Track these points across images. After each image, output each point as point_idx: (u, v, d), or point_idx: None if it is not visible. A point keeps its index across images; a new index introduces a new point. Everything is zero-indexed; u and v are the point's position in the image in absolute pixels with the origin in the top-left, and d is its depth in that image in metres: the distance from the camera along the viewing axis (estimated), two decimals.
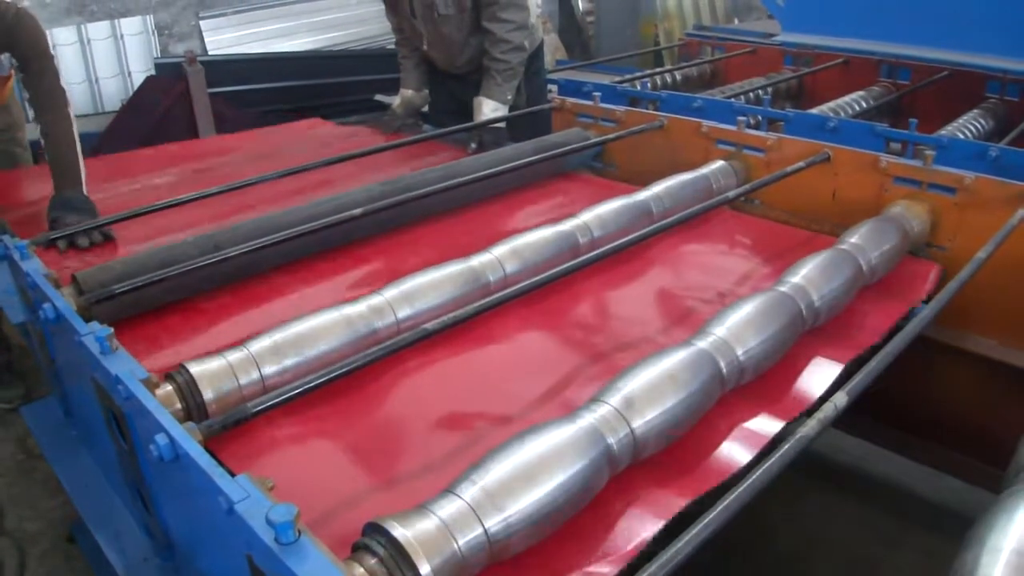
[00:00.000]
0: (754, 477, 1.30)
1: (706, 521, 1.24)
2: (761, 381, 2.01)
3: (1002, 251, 2.38)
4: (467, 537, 1.37)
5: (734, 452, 1.79)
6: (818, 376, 2.07)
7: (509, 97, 3.85)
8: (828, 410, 1.46)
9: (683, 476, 1.71)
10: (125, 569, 2.00)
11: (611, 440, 1.61)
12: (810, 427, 1.42)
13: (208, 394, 1.81)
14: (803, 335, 2.18)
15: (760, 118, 4.51)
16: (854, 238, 2.50)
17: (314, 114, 4.81)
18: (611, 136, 3.37)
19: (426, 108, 4.46)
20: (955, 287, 2.00)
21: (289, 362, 1.93)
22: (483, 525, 1.39)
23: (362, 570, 1.30)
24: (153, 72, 6.17)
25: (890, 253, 2.52)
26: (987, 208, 2.69)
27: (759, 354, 1.95)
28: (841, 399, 1.49)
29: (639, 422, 1.66)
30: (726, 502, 1.26)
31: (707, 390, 1.81)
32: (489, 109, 3.80)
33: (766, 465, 1.33)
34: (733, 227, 2.98)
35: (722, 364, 1.87)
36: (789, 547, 2.93)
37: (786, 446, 1.37)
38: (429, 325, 1.92)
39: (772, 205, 3.17)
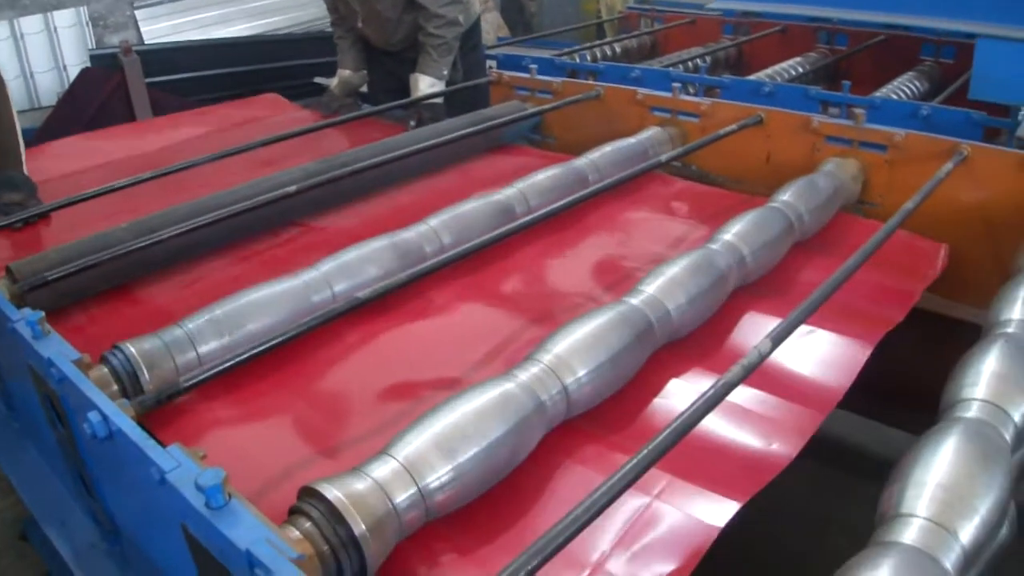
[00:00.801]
0: (677, 423, 1.32)
1: (632, 464, 1.26)
2: (695, 337, 2.04)
3: (932, 204, 2.43)
4: (402, 497, 1.39)
5: (669, 406, 1.82)
6: (752, 331, 2.11)
7: (445, 72, 3.85)
8: (752, 356, 1.49)
9: (618, 431, 1.74)
10: (74, 557, 1.99)
11: (544, 398, 1.63)
12: (733, 373, 1.44)
13: (144, 374, 1.81)
14: (737, 291, 2.21)
15: (697, 86, 4.54)
16: (785, 196, 2.54)
17: None
18: (547, 107, 3.38)
19: (365, 88, 4.44)
20: (881, 236, 2.04)
21: (226, 339, 1.94)
22: (417, 484, 1.41)
23: (297, 533, 1.31)
24: (88, 64, 6.08)
25: (821, 210, 2.56)
26: (917, 164, 2.74)
27: (690, 310, 1.98)
28: (765, 345, 1.52)
29: (571, 379, 1.68)
30: (650, 446, 1.28)
31: (639, 347, 1.84)
32: (426, 85, 3.80)
33: (690, 411, 1.36)
34: (670, 192, 3.00)
35: (654, 321, 1.90)
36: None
37: (710, 391, 1.39)
38: (361, 294, 1.93)
39: (708, 170, 3.20)
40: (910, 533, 1.29)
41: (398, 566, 1.43)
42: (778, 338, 1.54)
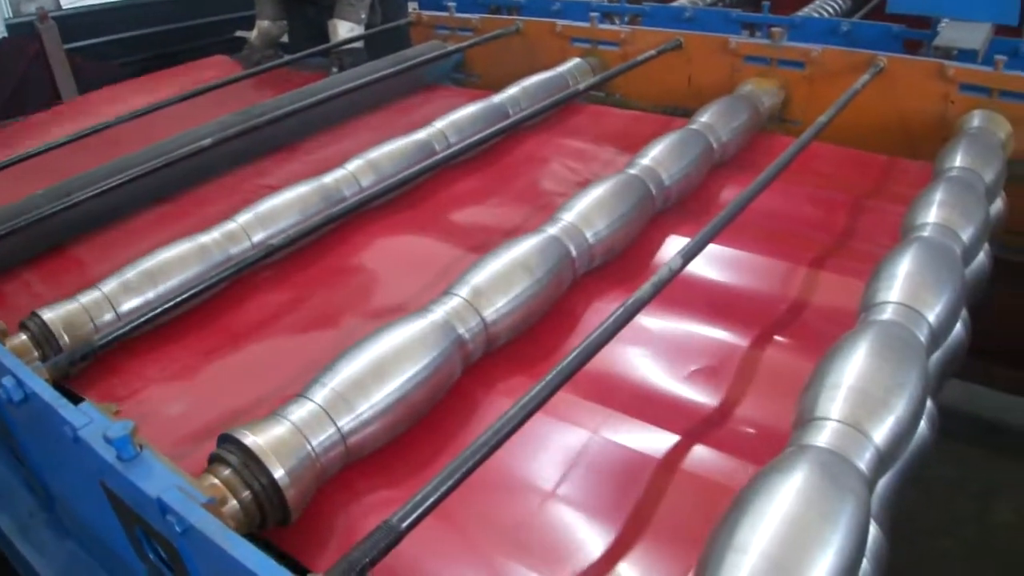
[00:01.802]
0: (592, 338, 1.33)
1: (541, 386, 1.26)
2: (616, 262, 2.05)
3: (853, 116, 2.46)
4: (320, 438, 1.39)
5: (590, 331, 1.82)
6: (672, 252, 2.11)
7: (363, 16, 3.79)
8: (663, 273, 1.50)
9: (541, 360, 1.75)
10: (14, 527, 1.97)
11: (462, 331, 1.63)
12: (644, 290, 1.45)
13: (64, 337, 1.78)
14: (657, 215, 2.21)
15: (619, 17, 4.52)
16: (704, 117, 2.54)
17: (177, 60, 4.64)
18: (466, 44, 3.35)
19: (286, 39, 4.36)
20: (794, 150, 2.05)
21: (146, 296, 1.91)
22: (336, 425, 1.41)
23: (216, 481, 1.30)
24: (5, 35, 5.90)
25: (741, 130, 2.57)
26: (836, 79, 2.76)
27: (609, 236, 1.99)
28: (676, 262, 1.53)
29: (490, 311, 1.68)
30: (560, 366, 1.29)
31: (558, 275, 1.84)
32: (345, 30, 3.74)
33: (604, 326, 1.36)
34: (594, 121, 3.00)
35: (572, 248, 1.90)
36: None
37: (620, 309, 1.40)
38: (275, 240, 1.91)
39: (632, 97, 3.21)
40: (824, 436, 1.31)
41: (322, 508, 1.43)
42: (688, 254, 1.55)
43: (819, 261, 2.08)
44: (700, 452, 1.53)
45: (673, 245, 2.16)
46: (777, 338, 1.83)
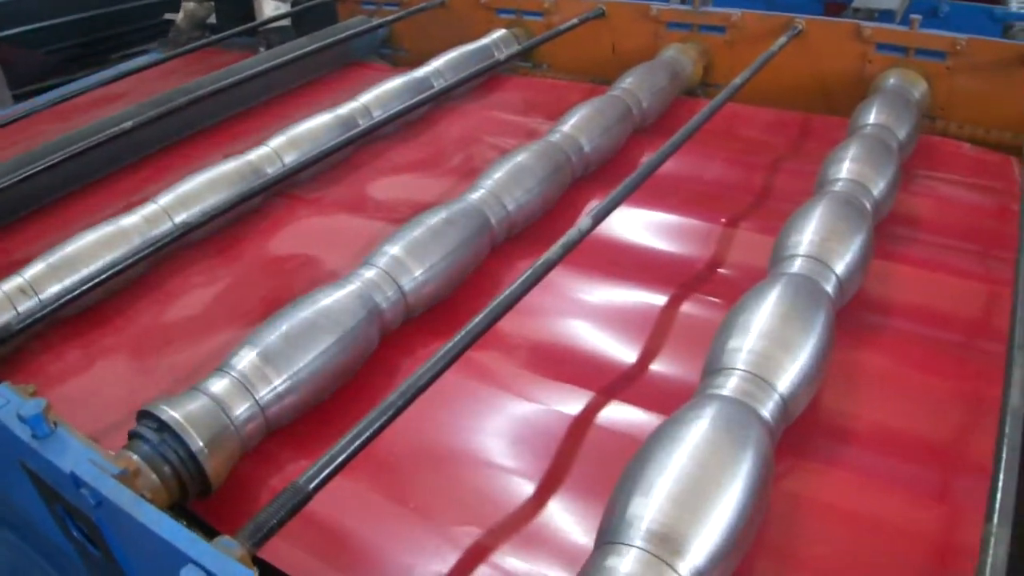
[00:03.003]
0: (497, 301, 1.35)
1: (449, 346, 1.29)
2: (537, 227, 2.07)
3: (773, 78, 2.50)
4: (239, 410, 1.40)
5: None
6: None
7: None
8: (572, 235, 1.52)
9: (460, 326, 1.76)
10: None
11: (380, 300, 1.65)
12: (553, 251, 1.48)
13: None
14: (578, 180, 2.24)
15: None
16: (625, 83, 2.57)
17: (105, 46, 4.57)
18: (391, 18, 3.34)
19: (214, 20, 4.32)
20: (707, 113, 2.08)
21: (68, 281, 1.89)
22: (254, 397, 1.42)
23: (135, 456, 1.31)
24: None
25: (661, 95, 2.60)
26: (756, 42, 2.80)
27: (528, 203, 2.01)
28: (586, 223, 1.55)
29: (407, 280, 1.70)
30: (466, 328, 1.32)
31: (477, 243, 1.86)
32: (270, 8, 3.71)
33: (511, 288, 1.39)
34: (521, 92, 3.02)
35: (491, 216, 1.92)
36: None
37: (528, 271, 1.42)
38: (191, 219, 1.91)
39: (559, 67, 3.24)
40: (729, 385, 1.35)
41: (245, 478, 1.45)
42: (598, 216, 1.58)
43: (736, 220, 2.12)
44: (617, 408, 1.56)
45: (592, 209, 2.18)
46: (694, 295, 1.87)
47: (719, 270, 1.96)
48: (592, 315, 1.84)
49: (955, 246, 2.05)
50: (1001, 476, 1.08)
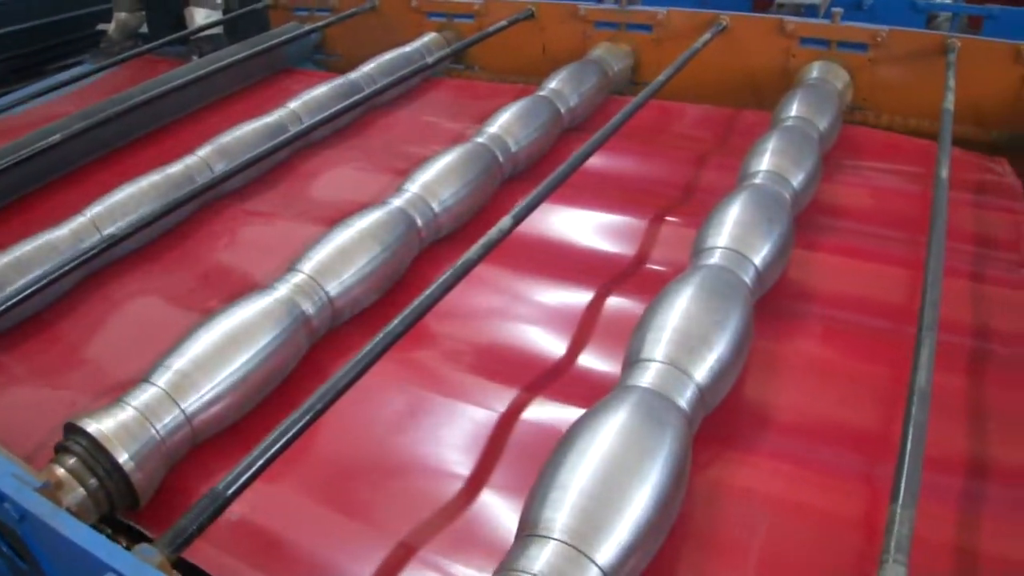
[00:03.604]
0: (414, 304, 1.37)
1: (370, 347, 1.30)
2: (466, 228, 2.09)
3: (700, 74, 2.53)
4: (165, 421, 1.40)
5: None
6: None
7: (219, 1, 3.75)
8: (492, 235, 1.54)
9: None
10: None
11: (306, 306, 1.65)
12: (473, 251, 1.50)
13: None
14: (507, 180, 2.26)
15: None
16: (553, 84, 2.60)
17: (39, 58, 4.50)
18: (322, 24, 3.33)
19: (145, 29, 4.29)
20: (629, 110, 2.11)
21: None
22: (180, 407, 1.42)
23: (61, 470, 1.31)
24: None
25: (589, 94, 2.63)
26: (682, 39, 2.84)
27: (455, 204, 2.03)
28: (506, 222, 1.57)
29: (333, 285, 1.71)
30: (385, 330, 1.34)
31: (403, 246, 1.87)
32: (201, 17, 3.70)
33: (426, 292, 1.40)
34: (454, 94, 3.04)
35: (417, 218, 1.93)
36: None
37: (448, 272, 1.44)
38: (117, 231, 1.90)
39: (491, 69, 3.26)
40: (647, 376, 1.37)
41: (175, 488, 1.45)
42: (519, 215, 1.60)
43: (663, 215, 2.15)
44: (545, 404, 1.59)
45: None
46: (621, 291, 1.89)
47: (646, 265, 1.99)
48: (521, 313, 1.86)
49: (876, 232, 2.10)
50: (907, 457, 1.11)
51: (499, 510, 1.39)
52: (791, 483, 1.42)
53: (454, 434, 1.54)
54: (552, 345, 1.75)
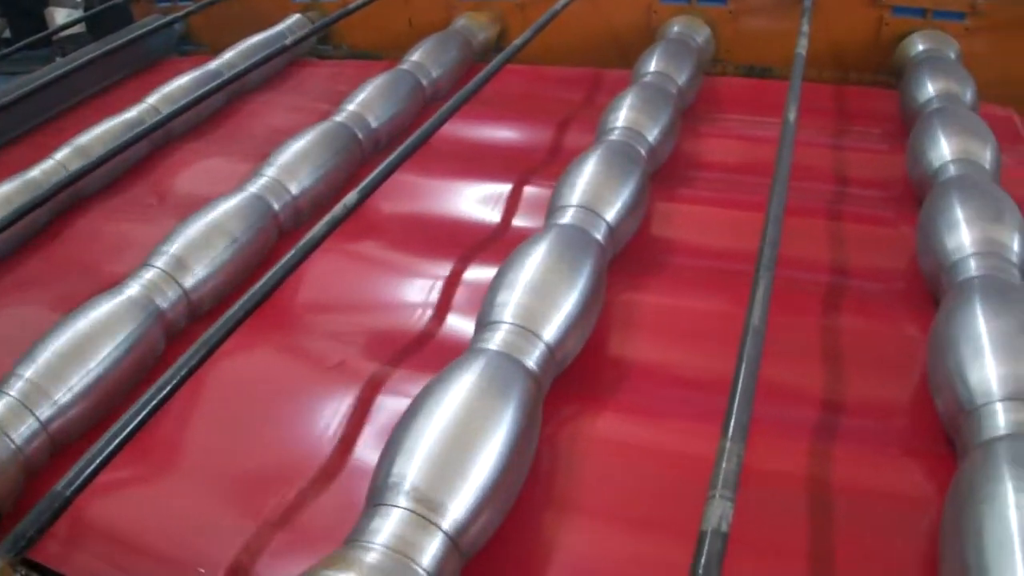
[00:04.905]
0: (251, 292, 1.36)
1: (210, 334, 1.29)
2: (328, 210, 2.06)
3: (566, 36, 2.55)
4: (20, 430, 1.37)
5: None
6: (380, 192, 2.15)
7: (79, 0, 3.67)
8: (337, 211, 1.53)
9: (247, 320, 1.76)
10: None
11: (160, 302, 1.63)
12: (318, 228, 1.49)
13: None
14: (371, 158, 2.26)
15: None
16: (414, 56, 2.59)
17: None
18: (182, 13, 3.26)
19: (8, 34, 4.18)
20: (484, 76, 2.10)
21: None
22: (34, 415, 1.40)
23: None
24: None
25: (452, 65, 2.63)
26: (547, 4, 2.82)
27: (314, 187, 2.01)
28: (351, 199, 1.56)
29: (189, 279, 1.69)
30: (225, 316, 1.32)
31: (261, 233, 1.85)
32: (62, 16, 3.62)
33: (268, 275, 1.39)
34: (321, 76, 3.02)
35: (275, 204, 1.91)
36: None
37: (291, 252, 1.43)
38: None
39: (359, 47, 3.24)
40: (496, 338, 1.38)
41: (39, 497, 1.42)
42: (365, 190, 1.59)
43: (526, 179, 2.16)
44: (405, 375, 1.59)
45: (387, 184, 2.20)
46: (482, 257, 1.90)
47: (510, 230, 2.00)
48: (381, 287, 1.87)
49: (739, 180, 2.14)
50: (738, 393, 1.13)
51: (354, 482, 1.38)
52: (648, 430, 1.45)
53: (310, 411, 1.54)
54: (414, 317, 1.76)
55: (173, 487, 1.44)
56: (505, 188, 2.13)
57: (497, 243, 1.95)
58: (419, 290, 1.83)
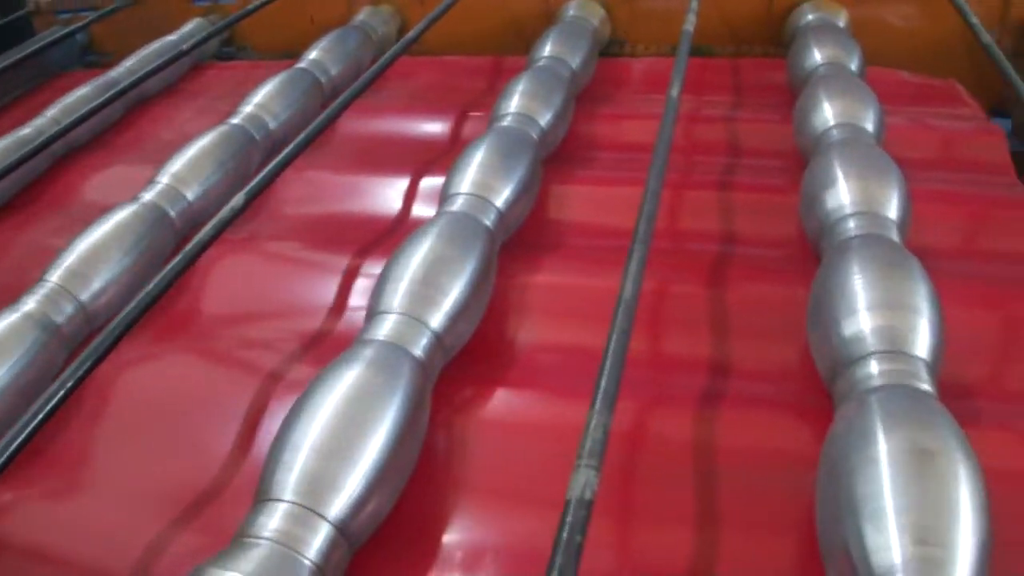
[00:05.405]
0: (135, 301, 1.37)
1: (90, 350, 1.29)
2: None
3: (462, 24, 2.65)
4: None
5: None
6: (292, 194, 2.17)
7: None
8: (223, 214, 1.54)
9: (153, 325, 1.76)
10: None
11: (56, 317, 1.62)
12: (204, 233, 1.49)
13: None
14: (270, 159, 2.25)
15: None
16: (312, 54, 2.60)
17: None
18: (83, 23, 3.23)
19: None
20: (376, 69, 2.12)
21: None
22: None
23: None
24: None
25: (351, 60, 2.64)
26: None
27: (210, 190, 2.00)
28: (238, 201, 1.57)
29: (86, 292, 1.68)
30: (123, 314, 1.33)
31: (156, 240, 1.85)
32: None
33: (153, 283, 1.40)
34: (224, 79, 3.01)
35: (171, 212, 1.91)
36: None
37: (178, 257, 1.44)
38: None
39: (263, 48, 3.24)
40: (384, 328, 1.41)
41: None
42: (252, 192, 1.60)
43: (423, 172, 2.19)
44: (302, 372, 1.60)
45: (282, 183, 2.20)
46: (378, 251, 1.92)
47: (407, 222, 2.02)
48: (292, 288, 1.89)
49: (633, 159, 2.17)
50: (608, 363, 1.16)
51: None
52: (541, 408, 1.49)
53: (222, 416, 1.54)
54: (325, 315, 1.77)
55: (77, 502, 1.44)
56: (402, 181, 2.16)
57: (393, 236, 1.97)
58: (330, 288, 1.85)
